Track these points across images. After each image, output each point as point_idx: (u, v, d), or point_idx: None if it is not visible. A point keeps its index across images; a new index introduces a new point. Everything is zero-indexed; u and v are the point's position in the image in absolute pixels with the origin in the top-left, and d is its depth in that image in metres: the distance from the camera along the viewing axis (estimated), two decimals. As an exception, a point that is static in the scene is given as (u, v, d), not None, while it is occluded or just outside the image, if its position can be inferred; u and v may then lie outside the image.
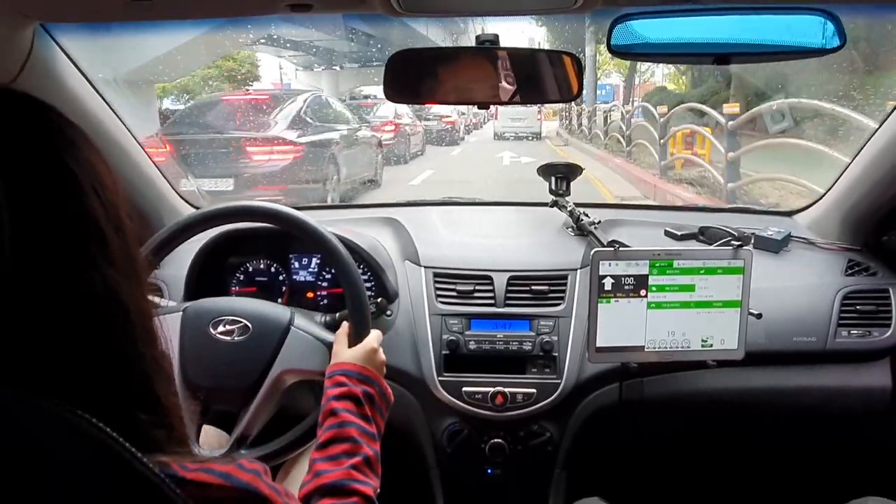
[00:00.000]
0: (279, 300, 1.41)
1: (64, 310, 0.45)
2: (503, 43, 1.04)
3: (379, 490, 0.84)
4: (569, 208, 1.58)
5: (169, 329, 1.05)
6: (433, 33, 22.27)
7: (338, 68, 26.30)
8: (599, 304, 1.19)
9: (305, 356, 1.06)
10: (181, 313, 1.09)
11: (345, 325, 1.05)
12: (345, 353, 0.99)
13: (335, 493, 0.78)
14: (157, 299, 1.20)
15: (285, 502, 0.53)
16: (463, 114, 19.40)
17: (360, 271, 1.24)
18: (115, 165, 1.48)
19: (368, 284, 1.38)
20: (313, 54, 24.31)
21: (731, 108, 6.92)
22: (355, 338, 1.03)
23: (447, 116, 16.82)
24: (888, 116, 1.35)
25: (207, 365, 1.05)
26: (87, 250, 0.47)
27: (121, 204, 0.51)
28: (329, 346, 1.05)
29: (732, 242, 1.32)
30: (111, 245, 0.49)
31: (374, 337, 1.03)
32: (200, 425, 1.07)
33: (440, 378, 1.30)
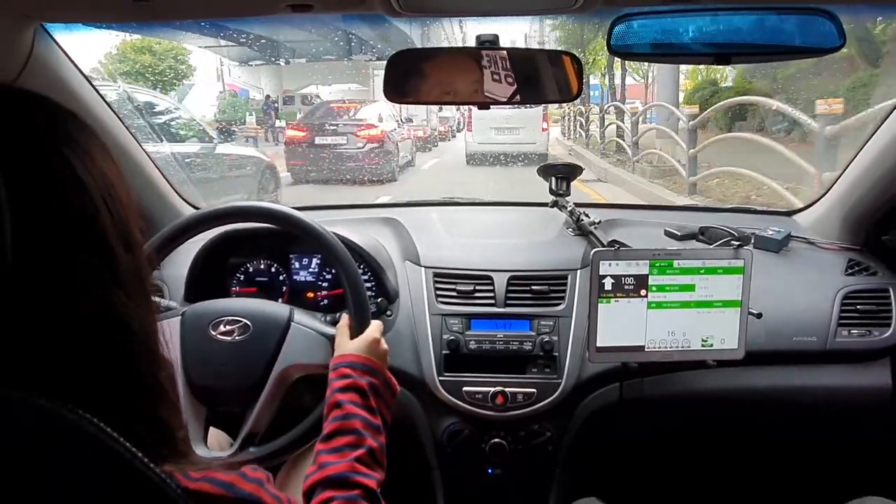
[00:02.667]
0: (279, 300, 1.41)
1: (64, 326, 0.44)
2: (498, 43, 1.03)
3: (383, 481, 0.84)
4: (569, 208, 1.58)
5: (169, 334, 1.06)
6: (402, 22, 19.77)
7: (281, 63, 21.15)
8: (599, 304, 1.19)
9: (308, 351, 1.06)
10: (180, 317, 1.09)
11: (346, 317, 1.05)
12: (348, 345, 0.98)
13: (338, 486, 0.78)
14: (157, 299, 1.20)
15: None
16: (408, 119, 12.68)
17: (361, 271, 1.24)
18: (115, 166, 1.46)
19: (369, 284, 1.38)
20: (250, 45, 19.14)
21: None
22: (356, 330, 1.03)
23: (368, 126, 9.82)
24: (888, 116, 1.35)
25: (210, 366, 1.05)
26: (93, 266, 0.45)
27: (132, 219, 0.50)
28: (331, 339, 1.05)
29: (732, 242, 1.33)
30: (120, 262, 0.47)
31: (375, 328, 1.03)
32: (207, 427, 1.07)
33: (440, 378, 1.30)
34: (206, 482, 0.48)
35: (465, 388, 1.29)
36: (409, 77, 1.08)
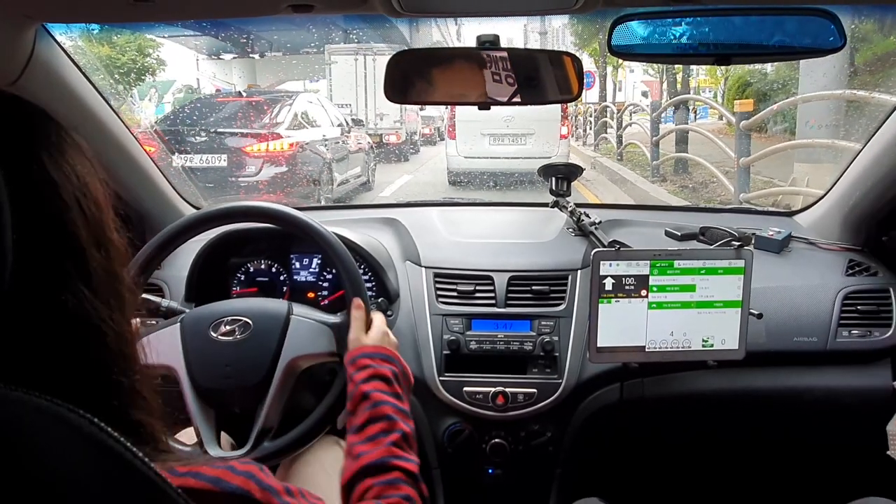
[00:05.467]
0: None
1: (32, 328, 0.43)
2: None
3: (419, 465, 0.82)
4: (569, 208, 1.58)
5: (170, 341, 1.06)
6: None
7: (256, 56, 19.22)
8: (600, 305, 1.19)
9: (311, 340, 1.06)
10: (179, 323, 1.09)
11: (354, 311, 1.05)
12: (361, 338, 0.98)
13: (377, 472, 0.77)
14: (157, 299, 1.20)
15: (285, 502, 0.52)
16: (357, 122, 9.20)
17: (361, 271, 1.24)
18: (115, 166, 1.48)
19: (369, 284, 1.38)
20: (220, 36, 17.42)
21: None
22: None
23: (267, 136, 6.30)
24: (888, 116, 1.34)
25: (215, 368, 1.05)
26: (62, 266, 0.44)
27: (108, 219, 0.49)
28: (332, 327, 1.06)
29: (733, 243, 1.32)
30: (91, 263, 0.46)
31: (380, 320, 1.04)
32: (219, 429, 1.07)
33: (441, 378, 1.30)
34: (191, 477, 0.47)
35: (465, 389, 1.29)
36: (409, 77, 1.09)
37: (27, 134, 0.46)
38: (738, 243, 1.24)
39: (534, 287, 1.37)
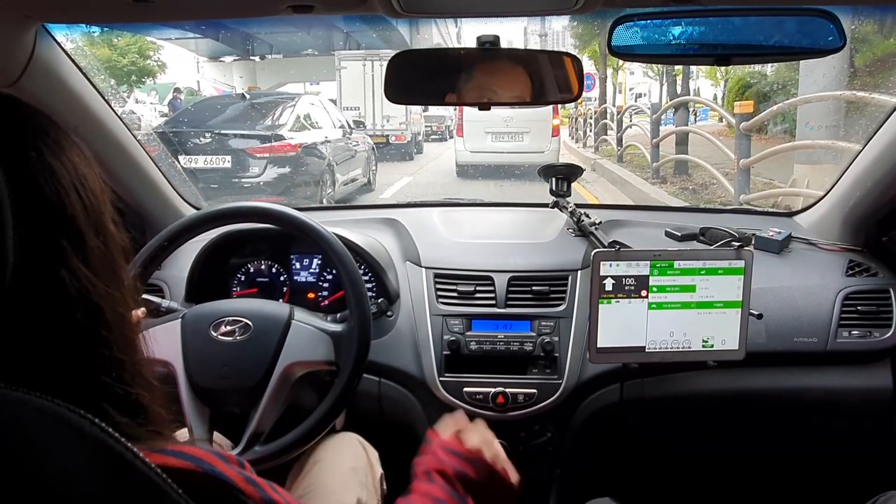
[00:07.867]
0: (280, 301, 1.42)
1: (34, 307, 0.44)
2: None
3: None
4: (570, 209, 1.58)
5: (170, 336, 1.06)
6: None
7: (256, 59, 19.30)
8: (600, 305, 1.19)
9: (310, 347, 1.07)
10: (180, 320, 1.09)
11: (448, 418, 0.94)
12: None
13: None
14: (158, 300, 1.20)
15: (265, 494, 0.50)
16: (359, 123, 10.21)
17: (361, 272, 1.24)
18: (116, 167, 1.48)
19: (369, 285, 1.39)
20: (219, 39, 17.24)
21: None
22: (357, 329, 1.03)
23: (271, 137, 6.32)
24: (888, 117, 1.35)
25: (212, 367, 1.05)
26: (59, 245, 0.45)
27: (105, 210, 0.50)
28: (332, 335, 1.06)
29: (733, 243, 1.32)
30: (89, 245, 0.47)
31: (482, 425, 0.91)
32: (212, 428, 1.07)
33: (441, 378, 1.30)
34: (171, 455, 0.46)
35: (465, 389, 1.29)
36: (409, 78, 1.09)
37: (26, 129, 0.47)
38: (738, 244, 1.24)
39: (534, 287, 1.37)
